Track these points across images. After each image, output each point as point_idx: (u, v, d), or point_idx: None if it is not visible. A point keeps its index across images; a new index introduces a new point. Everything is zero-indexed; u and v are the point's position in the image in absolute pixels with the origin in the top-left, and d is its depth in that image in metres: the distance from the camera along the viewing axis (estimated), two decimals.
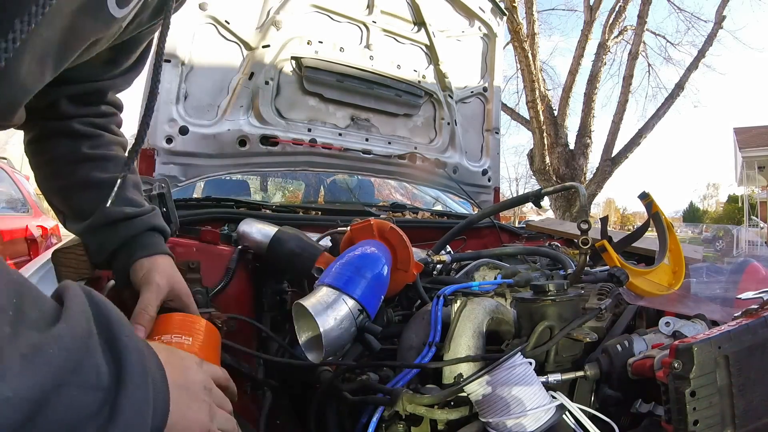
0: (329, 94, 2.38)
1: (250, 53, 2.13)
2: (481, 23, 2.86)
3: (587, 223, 1.14)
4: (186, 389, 0.58)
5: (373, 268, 1.03)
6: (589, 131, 11.10)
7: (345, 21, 2.39)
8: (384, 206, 2.61)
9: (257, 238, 1.34)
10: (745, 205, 26.08)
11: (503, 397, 0.72)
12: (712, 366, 0.64)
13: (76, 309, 0.46)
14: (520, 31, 10.07)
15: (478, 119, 2.96)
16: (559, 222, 2.75)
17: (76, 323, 0.45)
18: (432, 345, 0.92)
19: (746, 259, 1.48)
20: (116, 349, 0.47)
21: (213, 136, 2.06)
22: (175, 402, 0.53)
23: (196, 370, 0.64)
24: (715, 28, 11.27)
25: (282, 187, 3.65)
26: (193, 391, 0.59)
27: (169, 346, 0.73)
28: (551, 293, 0.91)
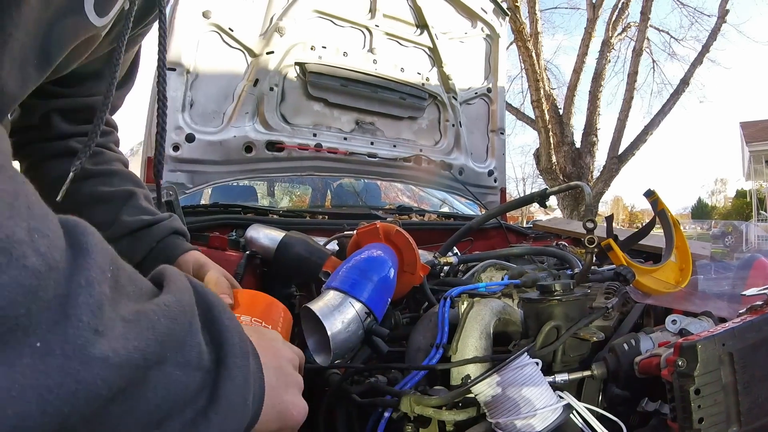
0: (334, 99, 2.39)
1: (255, 60, 2.15)
2: (483, 24, 2.87)
3: (593, 222, 1.14)
4: (280, 370, 0.57)
5: (379, 271, 1.04)
6: (595, 129, 11.06)
7: (348, 25, 2.40)
8: (390, 209, 2.62)
9: (265, 243, 1.35)
10: (753, 200, 25.86)
11: (510, 398, 0.72)
12: (716, 363, 0.65)
13: (179, 285, 0.44)
14: (523, 31, 10.08)
15: (482, 120, 2.96)
16: (566, 221, 2.74)
17: (181, 297, 0.43)
18: (439, 347, 0.93)
19: (754, 255, 1.47)
20: (217, 331, 0.45)
21: (219, 143, 2.08)
22: (270, 384, 0.52)
23: (286, 349, 0.63)
24: (719, 23, 11.21)
25: (289, 192, 3.67)
26: (286, 372, 0.58)
27: (257, 327, 0.73)
28: (557, 293, 0.91)
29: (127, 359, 0.34)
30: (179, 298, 0.42)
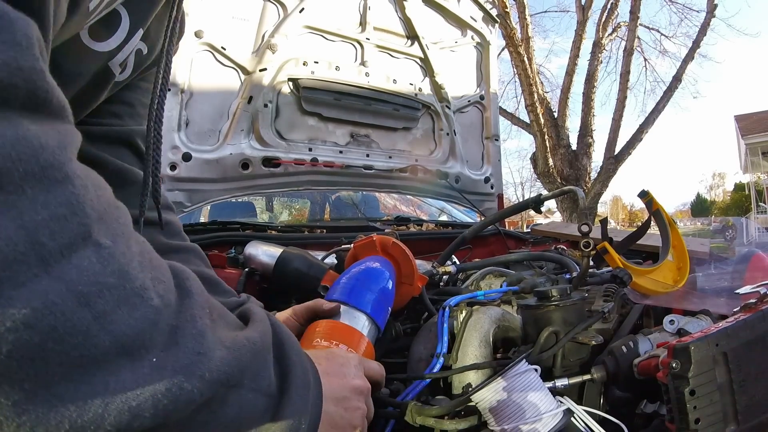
0: (328, 113, 2.41)
1: (248, 77, 2.17)
2: (473, 32, 2.90)
3: (588, 226, 1.15)
4: (342, 400, 0.65)
5: (378, 283, 1.05)
6: (591, 130, 11.10)
7: (339, 40, 2.43)
8: (388, 220, 2.63)
9: (263, 259, 1.36)
10: (751, 192, 25.90)
11: (509, 405, 0.73)
12: (711, 364, 0.65)
13: (261, 323, 0.55)
14: (514, 36, 10.14)
15: (477, 128, 2.98)
16: (564, 225, 2.76)
17: (263, 334, 0.54)
18: (440, 356, 0.94)
19: (751, 249, 1.48)
20: (285, 365, 0.55)
21: (216, 160, 2.10)
22: (328, 411, 0.60)
23: (355, 374, 0.71)
24: (708, 18, 11.28)
25: (288, 206, 3.68)
26: (347, 400, 0.66)
27: (330, 350, 0.81)
28: (555, 298, 0.92)
29: (218, 378, 0.44)
30: (262, 337, 0.53)
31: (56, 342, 0.33)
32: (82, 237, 0.35)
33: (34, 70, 0.34)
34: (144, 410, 0.37)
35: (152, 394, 0.38)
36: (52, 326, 0.33)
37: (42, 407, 0.33)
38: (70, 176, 0.36)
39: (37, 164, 0.33)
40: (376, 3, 2.51)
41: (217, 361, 0.44)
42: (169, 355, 0.40)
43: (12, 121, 0.33)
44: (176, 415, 0.40)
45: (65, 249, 0.34)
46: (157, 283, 0.41)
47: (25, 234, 0.32)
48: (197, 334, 0.43)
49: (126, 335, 0.37)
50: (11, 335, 0.31)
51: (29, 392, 0.32)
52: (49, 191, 0.34)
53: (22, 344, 0.31)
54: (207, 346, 0.44)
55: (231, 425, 0.46)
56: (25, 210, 0.32)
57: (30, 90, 0.34)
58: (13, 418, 0.32)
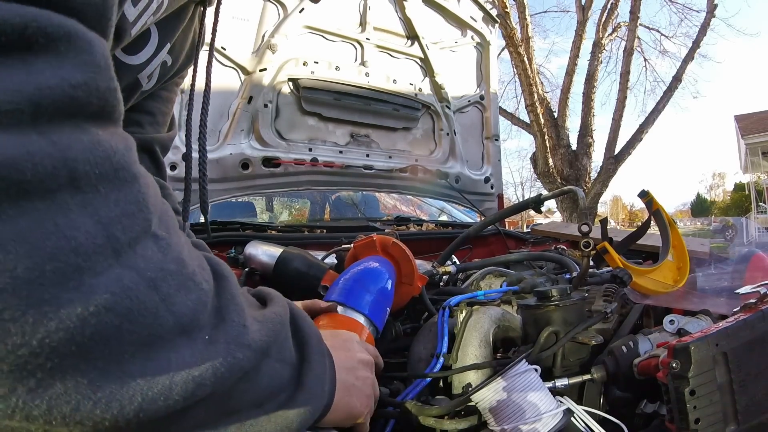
0: (328, 113, 2.41)
1: (248, 77, 2.17)
2: (473, 32, 2.90)
3: (588, 226, 1.15)
4: (351, 369, 0.69)
5: (377, 283, 1.05)
6: (591, 131, 11.09)
7: (339, 40, 2.43)
8: (388, 220, 2.63)
9: (263, 259, 1.36)
10: (751, 192, 25.91)
11: (509, 405, 0.73)
12: (711, 364, 0.65)
13: (280, 301, 0.60)
14: (514, 36, 10.13)
15: (476, 128, 2.98)
16: (564, 224, 2.76)
17: (283, 310, 0.58)
18: (440, 356, 0.94)
19: (751, 249, 1.48)
20: (301, 337, 0.59)
21: (216, 161, 2.10)
22: (341, 379, 0.64)
23: (359, 348, 0.75)
24: (708, 18, 11.27)
25: (288, 206, 3.68)
26: (356, 369, 0.70)
27: (334, 330, 0.83)
28: (555, 298, 0.91)
29: (259, 347, 0.49)
30: (282, 311, 0.58)
31: (131, 322, 0.37)
32: (144, 230, 0.40)
33: (109, 89, 0.38)
34: (206, 379, 0.42)
35: (211, 364, 0.42)
36: (128, 308, 0.37)
37: (115, 384, 0.36)
38: (136, 176, 0.40)
39: (110, 167, 0.37)
40: (376, 3, 2.51)
41: (256, 332, 0.49)
42: (219, 330, 0.45)
43: (85, 129, 0.36)
44: (230, 382, 0.45)
45: (133, 241, 0.38)
46: (201, 269, 0.46)
47: (102, 228, 0.36)
48: (239, 310, 0.49)
49: (185, 315, 0.41)
50: (94, 319, 0.35)
51: (103, 370, 0.36)
52: (120, 190, 0.38)
53: (103, 326, 0.35)
54: (248, 320, 0.49)
55: (263, 393, 0.51)
56: (100, 207, 0.36)
57: (101, 106, 0.38)
58: (89, 395, 0.35)
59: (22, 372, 0.33)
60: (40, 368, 0.33)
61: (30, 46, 0.34)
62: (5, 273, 0.31)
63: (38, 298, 0.32)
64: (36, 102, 0.33)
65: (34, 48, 0.34)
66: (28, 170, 0.32)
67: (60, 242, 0.33)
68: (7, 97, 0.32)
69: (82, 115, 0.36)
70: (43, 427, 0.34)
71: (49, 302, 0.33)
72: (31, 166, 0.32)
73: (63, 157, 0.34)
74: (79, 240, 0.34)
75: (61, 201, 0.34)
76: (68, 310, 0.33)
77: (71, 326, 0.34)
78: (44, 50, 0.34)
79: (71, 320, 0.34)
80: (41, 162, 0.33)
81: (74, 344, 0.34)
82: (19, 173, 0.32)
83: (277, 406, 0.52)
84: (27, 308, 0.32)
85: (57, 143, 0.34)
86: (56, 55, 0.35)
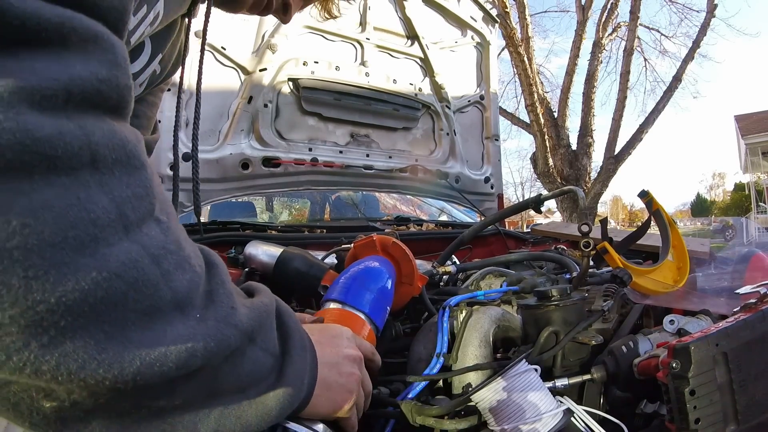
0: (328, 113, 2.41)
1: (248, 77, 2.17)
2: (473, 32, 2.90)
3: (588, 226, 1.15)
4: (335, 365, 0.70)
5: (377, 282, 1.05)
6: (591, 130, 11.09)
7: (339, 40, 2.43)
8: (388, 220, 2.63)
9: (263, 259, 1.36)
10: (751, 192, 25.92)
11: (509, 405, 0.73)
12: (711, 364, 0.65)
13: (267, 294, 0.63)
14: (514, 36, 10.14)
15: (476, 128, 2.98)
16: (564, 224, 2.75)
17: (270, 302, 0.61)
18: (440, 356, 0.94)
19: (751, 249, 1.48)
20: (284, 331, 0.61)
21: (216, 160, 2.10)
22: (322, 375, 0.66)
23: (347, 344, 0.76)
24: (708, 18, 11.28)
25: (288, 206, 3.68)
26: (340, 365, 0.71)
27: (324, 325, 0.85)
28: (555, 298, 0.91)
29: (245, 329, 0.52)
30: (268, 303, 0.60)
31: (136, 291, 0.41)
32: (149, 212, 0.44)
33: (127, 87, 0.44)
34: (197, 350, 0.45)
35: (202, 338, 0.46)
36: (135, 278, 0.41)
37: (118, 347, 0.40)
38: (144, 165, 0.45)
39: (124, 154, 0.42)
40: (376, 3, 2.51)
41: (243, 316, 0.52)
42: (209, 310, 0.48)
43: (104, 119, 0.41)
44: (218, 359, 0.48)
45: (139, 221, 0.43)
46: (195, 255, 0.50)
47: (115, 206, 0.40)
48: (228, 293, 0.52)
49: (180, 292, 0.45)
50: (106, 283, 0.38)
51: (108, 334, 0.39)
52: (131, 175, 0.43)
53: (113, 291, 0.39)
54: (236, 303, 0.52)
55: (247, 379, 0.53)
56: (115, 188, 0.41)
57: (118, 101, 0.43)
58: (94, 356, 0.38)
59: (37, 328, 0.36)
60: (54, 326, 0.36)
61: (64, 43, 0.38)
62: (33, 235, 0.35)
63: (60, 260, 0.36)
64: (69, 90, 0.38)
65: (67, 44, 0.39)
66: (59, 148, 0.37)
67: (81, 213, 0.38)
68: (46, 84, 0.37)
69: (103, 107, 0.41)
70: (48, 383, 0.38)
71: (68, 265, 0.37)
72: (62, 145, 0.37)
73: (87, 141, 0.39)
74: (97, 213, 0.39)
75: (82, 178, 0.38)
76: (84, 273, 0.37)
77: (86, 288, 0.37)
78: (76, 47, 0.39)
79: (86, 282, 0.37)
80: (70, 142, 0.37)
81: (87, 305, 0.38)
82: (52, 150, 0.36)
83: (258, 393, 0.55)
84: (49, 268, 0.36)
85: (83, 127, 0.39)
86: (85, 53, 0.40)
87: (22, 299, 0.35)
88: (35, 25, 0.36)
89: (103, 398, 0.41)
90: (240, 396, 0.53)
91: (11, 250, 0.35)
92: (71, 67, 0.38)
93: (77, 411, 0.41)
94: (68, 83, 0.38)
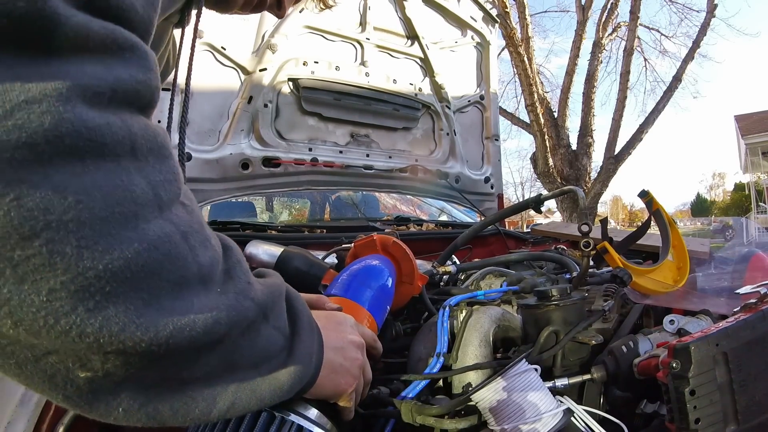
0: (328, 113, 2.41)
1: (248, 77, 2.17)
2: (473, 32, 2.90)
3: (588, 226, 1.15)
4: (339, 349, 0.73)
5: (377, 280, 1.05)
6: (591, 130, 11.09)
7: (339, 40, 2.43)
8: (388, 220, 2.63)
9: (264, 258, 1.36)
10: (751, 192, 25.93)
11: (509, 405, 0.73)
12: (711, 364, 0.65)
13: (276, 276, 0.68)
14: (514, 36, 10.13)
15: (477, 128, 2.98)
16: (564, 224, 2.76)
17: (281, 284, 0.65)
18: (440, 356, 0.94)
19: (751, 249, 1.48)
20: (294, 313, 0.65)
21: (216, 161, 2.10)
22: (328, 357, 0.69)
23: (351, 331, 0.80)
24: (708, 18, 11.27)
25: (288, 206, 3.68)
26: (345, 350, 0.75)
27: (329, 312, 0.87)
28: (555, 298, 0.92)
29: (261, 303, 0.56)
30: (279, 284, 0.65)
31: (170, 262, 0.46)
32: (177, 196, 0.50)
33: (157, 88, 0.50)
34: (221, 318, 0.49)
35: (225, 308, 0.50)
36: (168, 250, 0.46)
37: (153, 313, 0.44)
38: (171, 155, 0.50)
39: (156, 143, 0.47)
40: (376, 3, 2.51)
41: (259, 291, 0.57)
42: (228, 285, 0.53)
43: (139, 116, 0.47)
44: (237, 328, 0.52)
45: (170, 203, 0.48)
46: (214, 237, 0.55)
47: (151, 188, 0.46)
48: (245, 271, 0.57)
49: (204, 266, 0.50)
50: (146, 253, 0.43)
51: (145, 301, 0.44)
52: (162, 163, 0.48)
53: (150, 261, 0.44)
54: (251, 279, 0.57)
55: (260, 355, 0.57)
56: (150, 173, 0.46)
57: (149, 100, 0.49)
58: (134, 319, 0.43)
59: (85, 293, 0.40)
60: (100, 291, 0.41)
61: (108, 51, 0.44)
62: (86, 210, 0.40)
63: (107, 232, 0.41)
64: (114, 89, 0.44)
65: (110, 52, 0.45)
66: (107, 137, 0.42)
67: (124, 193, 0.43)
68: (96, 82, 0.42)
69: (137, 104, 0.47)
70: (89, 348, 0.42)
71: (115, 236, 0.42)
72: (109, 134, 0.43)
73: (129, 132, 0.44)
74: (137, 193, 0.44)
75: (125, 164, 0.44)
76: (128, 244, 0.42)
77: (129, 256, 0.42)
78: (117, 55, 0.45)
79: (129, 251, 0.42)
80: (116, 133, 0.43)
81: (129, 272, 0.42)
82: (102, 138, 0.42)
83: (270, 369, 0.58)
84: (99, 238, 0.41)
85: (124, 121, 0.44)
86: (125, 59, 0.46)
87: (74, 266, 0.40)
88: (85, 36, 0.42)
89: (135, 367, 0.45)
90: (254, 372, 0.57)
91: (67, 223, 0.39)
92: (114, 70, 0.44)
93: (109, 382, 0.45)
94: (113, 83, 0.44)
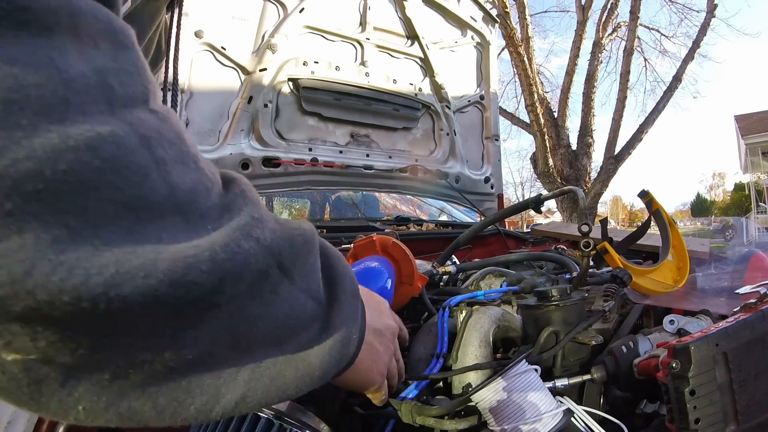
0: (328, 113, 2.41)
1: (248, 77, 2.17)
2: (473, 32, 2.90)
3: (588, 226, 1.15)
4: (379, 333, 0.63)
5: (376, 282, 1.05)
6: (591, 131, 11.09)
7: (339, 40, 2.43)
8: (388, 220, 2.63)
9: None
10: (751, 192, 25.93)
11: (509, 405, 0.73)
12: (711, 364, 0.65)
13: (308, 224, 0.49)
14: (514, 36, 10.14)
15: (477, 128, 2.98)
16: (564, 224, 2.75)
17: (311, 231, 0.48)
18: (440, 356, 0.94)
19: (751, 249, 1.48)
20: (332, 273, 0.51)
21: (216, 161, 2.10)
22: (368, 341, 0.56)
23: (390, 315, 0.70)
24: (708, 18, 11.28)
25: (288, 206, 3.68)
26: (383, 335, 0.64)
27: (367, 289, 0.76)
28: (555, 298, 0.92)
29: (271, 246, 0.40)
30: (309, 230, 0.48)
31: (115, 173, 0.31)
32: (143, 99, 0.37)
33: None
34: (200, 261, 0.34)
35: (209, 247, 0.35)
36: (114, 155, 0.31)
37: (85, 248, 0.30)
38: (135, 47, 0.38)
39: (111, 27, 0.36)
40: (376, 3, 2.51)
41: (270, 231, 0.41)
42: (224, 219, 0.38)
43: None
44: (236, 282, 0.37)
45: (130, 100, 0.35)
46: (207, 163, 0.41)
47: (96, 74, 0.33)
48: (253, 202, 0.42)
49: (181, 190, 0.36)
50: (71, 154, 0.29)
51: (72, 229, 0.29)
52: (118, 51, 0.36)
53: (81, 165, 0.30)
54: (261, 213, 0.41)
55: (282, 327, 0.43)
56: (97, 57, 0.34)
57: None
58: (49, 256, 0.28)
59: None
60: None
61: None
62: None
63: (14, 121, 0.28)
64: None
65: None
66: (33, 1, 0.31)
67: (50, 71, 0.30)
68: None
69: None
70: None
71: (25, 128, 0.28)
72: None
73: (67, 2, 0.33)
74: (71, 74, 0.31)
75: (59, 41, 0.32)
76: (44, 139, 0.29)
77: (43, 157, 0.28)
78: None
79: (44, 150, 0.29)
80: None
81: (43, 181, 0.28)
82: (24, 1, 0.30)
83: (298, 347, 0.44)
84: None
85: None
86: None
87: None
88: None
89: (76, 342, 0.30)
90: (275, 350, 0.42)
91: None
92: None
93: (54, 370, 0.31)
94: None
